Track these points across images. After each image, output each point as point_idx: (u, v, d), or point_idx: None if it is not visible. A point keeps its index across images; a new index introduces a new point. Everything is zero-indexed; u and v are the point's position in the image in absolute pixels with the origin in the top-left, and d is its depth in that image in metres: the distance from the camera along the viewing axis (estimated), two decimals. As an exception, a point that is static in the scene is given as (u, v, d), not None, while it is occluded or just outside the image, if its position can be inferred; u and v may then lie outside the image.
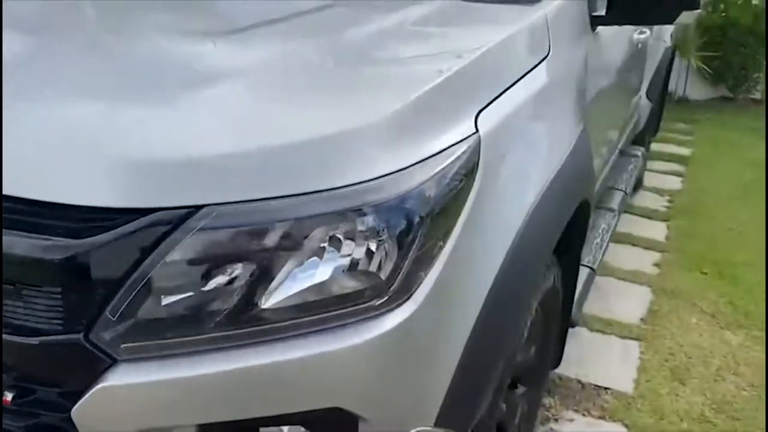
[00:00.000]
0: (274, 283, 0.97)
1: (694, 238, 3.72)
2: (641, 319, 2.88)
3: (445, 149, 1.10)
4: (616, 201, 3.07)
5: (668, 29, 3.90)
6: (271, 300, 0.97)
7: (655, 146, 5.33)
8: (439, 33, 1.48)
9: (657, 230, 3.82)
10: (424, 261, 1.05)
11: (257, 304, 0.96)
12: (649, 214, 4.03)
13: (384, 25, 1.45)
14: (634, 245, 3.61)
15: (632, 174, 3.49)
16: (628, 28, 2.55)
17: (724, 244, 3.64)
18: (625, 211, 4.00)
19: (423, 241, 1.04)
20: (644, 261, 3.43)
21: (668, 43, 3.87)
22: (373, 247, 1.01)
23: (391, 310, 1.02)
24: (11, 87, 1.04)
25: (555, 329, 1.91)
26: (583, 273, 2.42)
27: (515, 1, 1.68)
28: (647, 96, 3.78)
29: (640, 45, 2.73)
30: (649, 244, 3.62)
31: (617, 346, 2.69)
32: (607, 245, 2.73)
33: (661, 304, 3.00)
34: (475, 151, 1.15)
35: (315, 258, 0.98)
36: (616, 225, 2.91)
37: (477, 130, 1.18)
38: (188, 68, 1.16)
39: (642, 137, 3.92)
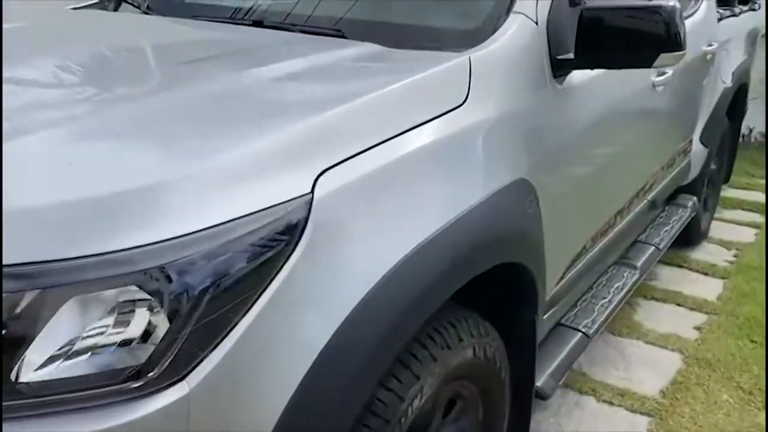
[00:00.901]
0: (26, 358, 0.90)
1: (751, 300, 3.32)
2: (661, 390, 2.58)
3: (255, 212, 1.00)
4: (641, 257, 2.80)
5: (730, 68, 3.56)
6: (22, 374, 0.90)
7: (735, 193, 4.91)
8: (324, 83, 1.37)
9: (710, 288, 3.45)
10: (205, 338, 0.95)
11: (7, 378, 0.90)
12: (706, 270, 3.65)
13: (268, 74, 1.37)
14: (678, 305, 3.27)
15: (674, 226, 3.18)
16: (638, 71, 2.32)
17: (787, 309, 3.23)
18: (679, 266, 3.68)
19: (205, 316, 0.94)
20: (684, 323, 3.08)
21: (728, 83, 3.52)
22: (141, 320, 0.92)
23: (157, 392, 0.92)
24: None
25: (501, 402, 1.71)
26: (573, 337, 2.20)
27: (444, 47, 1.55)
28: (702, 141, 3.45)
29: (660, 88, 2.47)
30: (695, 305, 3.26)
31: (623, 421, 2.41)
32: (618, 306, 2.47)
33: (689, 375, 2.68)
34: (301, 214, 1.04)
35: (72, 330, 0.91)
36: (636, 283, 2.64)
37: (312, 191, 1.07)
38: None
39: (697, 186, 3.57)
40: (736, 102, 3.89)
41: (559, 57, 1.75)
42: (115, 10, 2.30)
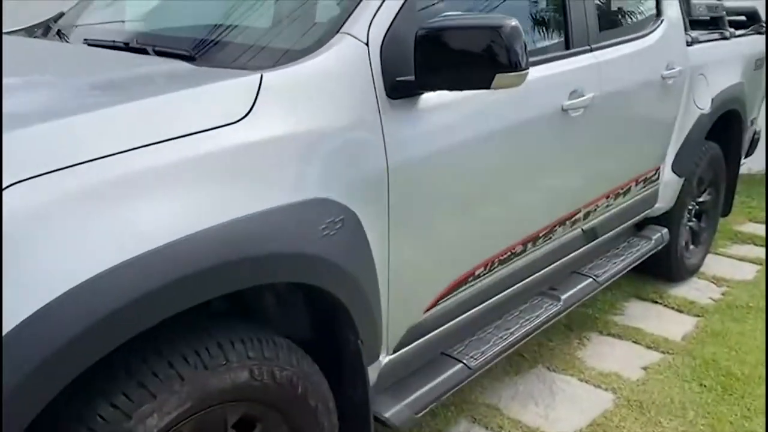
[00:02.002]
0: None
1: (719, 341, 3.09)
2: (575, 432, 2.43)
3: None
4: (570, 289, 2.66)
5: (708, 93, 3.35)
6: None
7: (753, 228, 4.62)
8: (82, 95, 1.41)
9: (678, 327, 3.23)
10: None
11: None
12: (682, 307, 3.43)
13: (54, 87, 1.43)
14: (635, 342, 3.08)
15: (627, 258, 3.01)
16: (540, 94, 2.23)
17: (757, 354, 2.97)
18: (654, 301, 3.49)
19: None
20: (633, 363, 2.90)
21: (705, 109, 3.31)
22: None
23: None
24: None
25: (315, 429, 1.65)
26: (451, 367, 2.12)
27: (266, 66, 1.56)
28: (675, 170, 3.26)
29: (577, 113, 2.35)
30: (654, 343, 3.06)
31: (519, 461, 2.29)
32: (524, 339, 2.35)
33: (612, 417, 2.51)
34: None
35: None
36: (556, 316, 2.50)
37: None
38: None
39: (673, 217, 3.37)
40: (727, 129, 3.66)
41: (398, 78, 1.72)
42: (44, 35, 2.42)
